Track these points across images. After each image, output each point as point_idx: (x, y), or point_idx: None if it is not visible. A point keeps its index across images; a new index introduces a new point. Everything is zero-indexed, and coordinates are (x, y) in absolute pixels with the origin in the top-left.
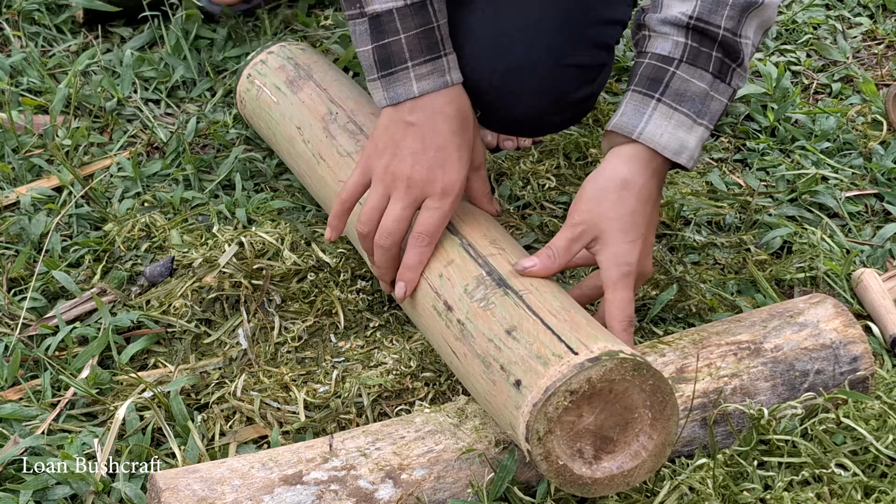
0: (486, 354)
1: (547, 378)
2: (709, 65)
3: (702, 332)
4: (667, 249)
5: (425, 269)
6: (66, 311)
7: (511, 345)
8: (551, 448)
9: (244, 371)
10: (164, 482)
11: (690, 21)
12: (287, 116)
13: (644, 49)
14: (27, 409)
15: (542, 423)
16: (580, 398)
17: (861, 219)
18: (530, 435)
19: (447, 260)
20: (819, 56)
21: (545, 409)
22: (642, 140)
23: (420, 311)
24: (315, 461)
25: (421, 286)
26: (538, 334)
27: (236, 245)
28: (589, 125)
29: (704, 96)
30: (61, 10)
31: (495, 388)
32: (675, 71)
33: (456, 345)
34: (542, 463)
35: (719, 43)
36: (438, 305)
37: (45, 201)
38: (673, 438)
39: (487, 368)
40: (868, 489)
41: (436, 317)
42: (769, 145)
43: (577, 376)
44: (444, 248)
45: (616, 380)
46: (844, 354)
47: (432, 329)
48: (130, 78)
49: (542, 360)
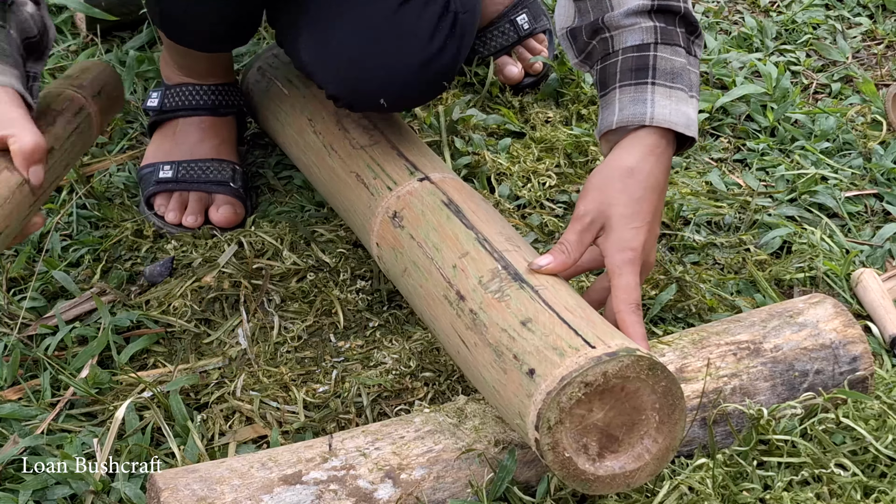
0: (499, 344)
1: (563, 368)
2: (679, 40)
3: (701, 332)
4: (666, 249)
5: (438, 259)
6: (66, 311)
7: (526, 335)
8: (559, 439)
9: (244, 371)
10: (163, 482)
11: (654, 4)
12: (298, 108)
13: (611, 49)
14: (27, 409)
15: (555, 412)
16: (593, 392)
17: (860, 219)
18: (541, 423)
19: (461, 252)
20: (819, 56)
21: (559, 398)
22: (656, 122)
23: (430, 300)
24: (314, 461)
25: (432, 276)
26: (554, 327)
27: (236, 245)
28: (592, 122)
29: (685, 70)
30: (61, 11)
31: (506, 376)
32: (655, 54)
33: (466, 334)
34: (548, 453)
35: (681, 17)
36: (450, 295)
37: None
38: (677, 444)
39: (499, 357)
40: (867, 489)
41: (446, 306)
42: (769, 145)
43: (594, 368)
44: (459, 241)
45: (630, 377)
46: (844, 354)
47: (440, 318)
48: (131, 78)
49: (558, 351)
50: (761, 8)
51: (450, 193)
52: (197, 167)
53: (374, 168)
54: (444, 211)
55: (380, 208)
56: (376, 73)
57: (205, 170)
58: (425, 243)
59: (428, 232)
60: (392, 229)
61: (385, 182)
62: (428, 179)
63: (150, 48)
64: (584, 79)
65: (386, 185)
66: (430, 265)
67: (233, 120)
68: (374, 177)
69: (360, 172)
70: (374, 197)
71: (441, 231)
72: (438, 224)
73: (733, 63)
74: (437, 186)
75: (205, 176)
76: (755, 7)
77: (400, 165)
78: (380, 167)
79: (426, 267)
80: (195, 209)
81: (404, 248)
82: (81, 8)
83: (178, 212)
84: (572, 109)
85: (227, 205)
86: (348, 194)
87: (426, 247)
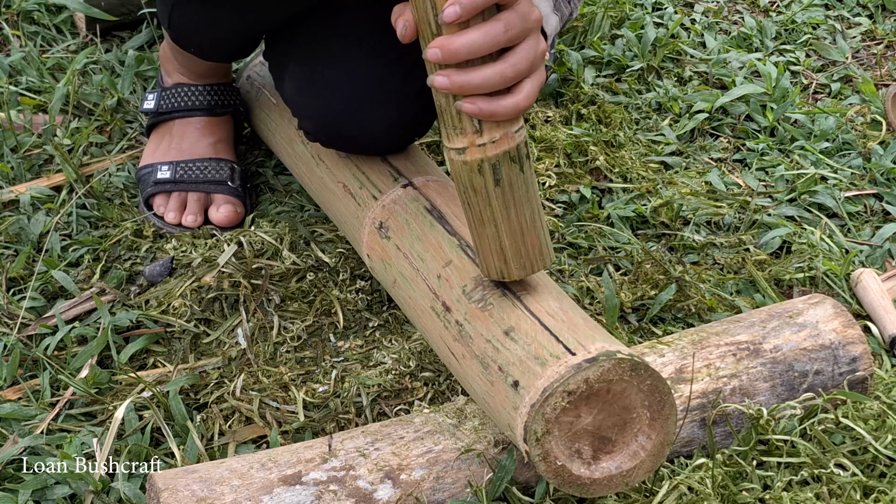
0: (485, 355)
1: (544, 379)
2: None
3: (701, 332)
4: (666, 249)
5: (424, 270)
6: (66, 311)
7: (509, 346)
8: (549, 449)
9: (243, 371)
10: (163, 482)
11: None
12: (286, 118)
13: None
14: (26, 409)
15: (540, 424)
16: (578, 399)
17: (860, 219)
18: (528, 436)
19: (445, 261)
20: (818, 56)
21: (543, 409)
22: None
23: (419, 312)
24: (314, 461)
25: (419, 287)
26: (536, 335)
27: (235, 245)
28: (592, 121)
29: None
30: (60, 11)
31: (493, 388)
32: None
33: (454, 346)
34: (540, 464)
35: None
36: (437, 307)
37: (44, 200)
38: (671, 438)
39: (486, 369)
40: (867, 489)
41: (434, 318)
42: (768, 145)
43: (575, 377)
44: (443, 249)
45: (614, 380)
46: (843, 355)
47: (431, 330)
48: (131, 78)
49: (539, 360)
50: (761, 8)
51: (432, 199)
52: (195, 167)
53: (360, 177)
54: (426, 218)
55: (367, 219)
56: (357, 129)
57: (203, 169)
58: (411, 253)
59: (413, 242)
60: (379, 240)
61: (370, 191)
62: (411, 185)
63: (150, 48)
64: (584, 78)
65: (371, 195)
66: (416, 276)
67: (230, 119)
68: (360, 186)
69: (346, 182)
70: (360, 207)
71: (425, 240)
72: (422, 232)
73: (733, 63)
74: (419, 192)
75: (203, 176)
76: (755, 7)
77: (384, 171)
78: (365, 176)
79: (413, 278)
80: (194, 209)
81: (392, 259)
82: (81, 8)
83: (177, 212)
84: (572, 109)
85: (227, 204)
86: (338, 205)
87: (412, 257)
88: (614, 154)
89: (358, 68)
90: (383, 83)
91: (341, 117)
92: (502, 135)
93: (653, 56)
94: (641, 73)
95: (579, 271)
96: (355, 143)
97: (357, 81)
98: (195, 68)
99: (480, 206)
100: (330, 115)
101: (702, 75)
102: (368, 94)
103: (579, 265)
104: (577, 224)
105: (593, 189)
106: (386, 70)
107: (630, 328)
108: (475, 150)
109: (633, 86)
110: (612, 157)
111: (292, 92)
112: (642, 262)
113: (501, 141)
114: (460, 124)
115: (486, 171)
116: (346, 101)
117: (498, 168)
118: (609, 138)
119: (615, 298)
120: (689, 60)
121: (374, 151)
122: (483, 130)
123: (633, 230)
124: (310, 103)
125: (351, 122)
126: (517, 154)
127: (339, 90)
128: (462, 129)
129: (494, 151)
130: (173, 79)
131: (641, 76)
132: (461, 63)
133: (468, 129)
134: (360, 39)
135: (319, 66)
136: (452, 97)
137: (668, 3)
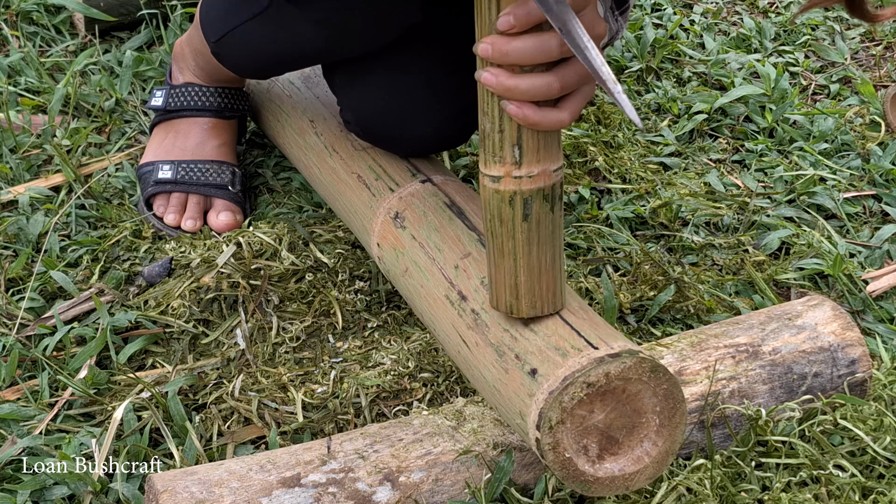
0: (501, 343)
1: (565, 368)
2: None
3: (700, 334)
4: (665, 250)
5: (440, 259)
6: (64, 311)
7: (528, 336)
8: (560, 439)
9: (242, 371)
10: (161, 484)
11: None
12: (300, 109)
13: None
14: (25, 409)
15: (556, 412)
16: (595, 393)
17: (859, 220)
18: (542, 422)
19: (464, 252)
20: (817, 57)
21: (561, 397)
22: None
23: (430, 300)
24: (313, 463)
25: (433, 276)
26: (557, 328)
27: (234, 245)
28: (591, 122)
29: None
30: (59, 11)
31: (507, 376)
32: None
33: (468, 333)
34: (549, 453)
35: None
36: (452, 295)
37: (43, 201)
38: (676, 448)
39: (501, 357)
40: (866, 490)
41: (448, 306)
42: (767, 146)
43: (596, 369)
44: (461, 242)
45: (632, 379)
46: (842, 357)
47: (442, 318)
48: (129, 78)
49: (560, 351)
50: (760, 9)
51: (452, 195)
52: (197, 169)
53: (376, 169)
54: (446, 212)
55: (381, 209)
56: (399, 129)
57: (205, 172)
58: (427, 243)
59: (430, 233)
60: (393, 229)
61: (387, 183)
62: (430, 181)
63: (149, 49)
64: None
65: (388, 186)
66: (431, 265)
67: (235, 123)
68: (375, 178)
69: (361, 173)
70: (375, 198)
71: (443, 232)
72: (440, 225)
73: (732, 64)
74: (438, 188)
75: (204, 178)
76: (754, 8)
77: (402, 167)
78: (381, 168)
79: (428, 267)
80: (194, 212)
81: (406, 248)
82: (80, 8)
83: (177, 214)
84: None
85: (226, 211)
86: (349, 195)
87: (428, 247)
88: (613, 155)
89: (414, 72)
90: (437, 92)
91: (387, 116)
92: (540, 171)
93: (652, 57)
94: (640, 73)
95: (578, 272)
96: (391, 141)
97: (411, 84)
98: (214, 73)
99: (503, 238)
100: (377, 110)
101: (701, 76)
102: (419, 100)
103: (578, 266)
104: (576, 225)
105: (592, 190)
106: (441, 80)
107: (629, 329)
108: (510, 181)
109: (632, 86)
110: (611, 157)
111: (343, 82)
112: (641, 262)
113: (538, 177)
114: (501, 152)
115: (517, 205)
116: (397, 100)
117: (529, 203)
118: (608, 139)
119: (614, 299)
120: (687, 61)
121: (403, 153)
122: (522, 163)
123: (631, 231)
124: (360, 97)
125: (394, 122)
126: (551, 193)
127: (392, 88)
128: (502, 157)
129: (529, 186)
130: (185, 77)
131: (640, 77)
132: (512, 67)
133: (508, 158)
134: (422, 49)
135: (377, 66)
136: (498, 125)
137: (667, 4)
